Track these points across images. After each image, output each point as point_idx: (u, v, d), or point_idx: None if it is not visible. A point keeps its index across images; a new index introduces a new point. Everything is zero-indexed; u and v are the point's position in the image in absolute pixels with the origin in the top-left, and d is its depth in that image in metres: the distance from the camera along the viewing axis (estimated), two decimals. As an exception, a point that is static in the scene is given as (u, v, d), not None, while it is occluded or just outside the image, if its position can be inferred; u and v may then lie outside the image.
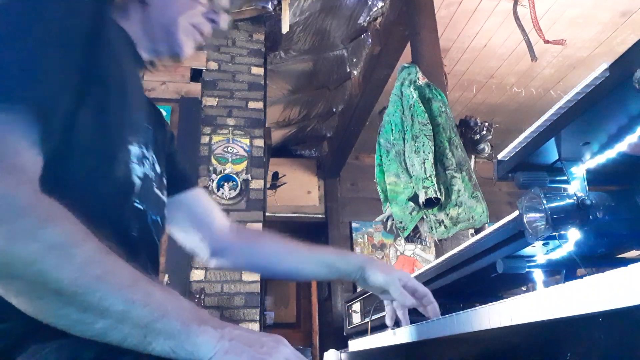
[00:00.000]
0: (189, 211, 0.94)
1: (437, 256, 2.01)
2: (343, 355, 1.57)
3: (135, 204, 0.70)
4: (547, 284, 0.96)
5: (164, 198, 0.83)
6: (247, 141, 3.30)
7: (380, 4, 3.64)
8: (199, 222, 0.95)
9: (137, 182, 0.71)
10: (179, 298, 0.54)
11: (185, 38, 0.82)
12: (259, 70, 3.56)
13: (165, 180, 0.85)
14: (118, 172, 0.66)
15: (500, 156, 0.93)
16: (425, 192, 2.10)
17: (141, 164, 0.73)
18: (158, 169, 0.81)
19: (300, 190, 5.60)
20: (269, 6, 3.46)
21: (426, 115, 2.27)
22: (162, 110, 0.98)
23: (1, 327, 0.52)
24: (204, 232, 0.95)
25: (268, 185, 4.70)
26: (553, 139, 0.80)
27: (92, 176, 0.62)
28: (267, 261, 1.00)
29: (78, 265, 0.48)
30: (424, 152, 2.18)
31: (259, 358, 0.52)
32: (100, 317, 0.48)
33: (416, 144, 2.22)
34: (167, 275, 2.74)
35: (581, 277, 0.48)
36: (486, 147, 3.06)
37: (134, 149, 0.71)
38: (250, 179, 3.19)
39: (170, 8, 0.79)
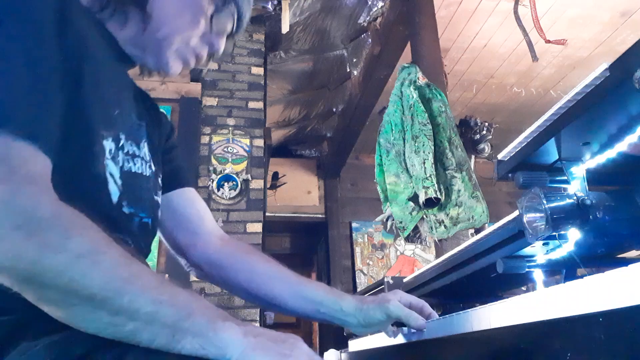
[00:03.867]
0: (175, 213, 0.90)
1: (437, 256, 2.01)
2: (343, 355, 1.57)
3: (115, 204, 0.68)
4: (547, 284, 0.96)
5: (158, 199, 0.81)
6: (247, 141, 3.30)
7: (380, 4, 3.64)
8: (185, 227, 0.90)
9: (111, 179, 0.68)
10: (201, 299, 0.56)
11: (175, 57, 0.78)
12: (259, 70, 3.56)
13: (160, 180, 0.83)
14: (90, 169, 0.65)
15: (500, 156, 0.93)
16: (425, 192, 2.10)
17: (119, 160, 0.70)
18: (153, 167, 0.79)
19: (300, 190, 5.60)
20: (269, 6, 3.46)
21: (426, 115, 2.27)
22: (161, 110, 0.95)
23: None
24: (189, 238, 0.90)
25: (268, 185, 4.70)
26: (553, 139, 0.80)
27: (63, 175, 0.60)
28: (254, 285, 0.90)
29: (106, 271, 0.49)
30: (424, 152, 2.18)
31: (285, 354, 0.54)
32: (130, 319, 0.50)
33: (416, 144, 2.22)
34: (167, 275, 2.74)
35: (581, 277, 0.48)
36: (486, 147, 3.07)
37: (108, 144, 0.68)
38: (250, 179, 3.19)
39: (169, 25, 0.76)
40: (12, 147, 0.50)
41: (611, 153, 0.80)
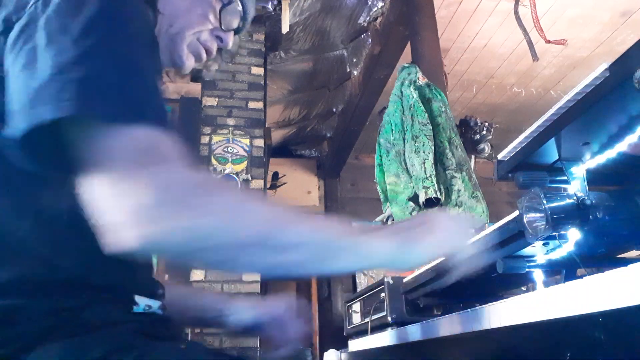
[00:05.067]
0: None
1: (437, 256, 2.01)
2: (343, 355, 1.57)
3: None
4: (547, 284, 0.96)
5: None
6: (247, 141, 3.29)
7: (380, 4, 3.63)
8: None
9: None
10: (343, 223, 0.61)
11: (188, 52, 0.82)
12: (259, 70, 3.55)
13: None
14: None
15: (500, 156, 0.93)
16: (425, 192, 2.10)
17: None
18: None
19: (300, 190, 5.60)
20: (269, 6, 3.46)
21: (426, 115, 2.27)
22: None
23: (14, 330, 0.52)
24: None
25: (268, 185, 4.70)
26: (553, 139, 0.80)
27: None
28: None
29: (257, 217, 0.55)
30: (424, 152, 2.18)
31: (432, 231, 0.63)
32: (292, 253, 0.55)
33: (416, 144, 2.21)
34: (167, 275, 2.74)
35: (581, 277, 0.48)
36: (486, 147, 3.06)
37: None
38: (250, 179, 3.19)
39: (180, 20, 0.79)
40: (153, 136, 0.54)
41: (611, 153, 0.80)
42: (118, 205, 0.49)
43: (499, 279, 0.98)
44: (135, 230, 0.48)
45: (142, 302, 0.64)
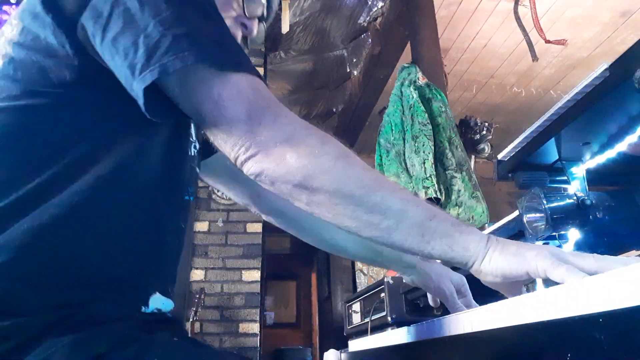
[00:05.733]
0: (231, 169, 0.94)
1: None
2: (343, 355, 1.57)
3: (188, 191, 0.75)
4: (547, 284, 0.96)
5: (198, 170, 0.86)
6: (247, 141, 3.29)
7: (380, 4, 3.63)
8: (243, 179, 0.95)
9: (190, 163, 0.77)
10: (438, 208, 0.61)
11: None
12: (259, 70, 3.55)
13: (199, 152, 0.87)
14: (182, 151, 0.73)
15: (500, 156, 0.93)
16: (426, 192, 2.10)
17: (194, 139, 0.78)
18: (197, 145, 0.83)
19: (300, 190, 5.59)
20: (269, 6, 3.46)
21: (426, 115, 2.27)
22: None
23: (19, 321, 0.52)
24: (251, 190, 0.96)
25: (268, 185, 4.69)
26: (553, 139, 0.80)
27: (159, 153, 0.67)
28: (316, 230, 0.98)
29: (360, 171, 0.57)
30: (424, 152, 2.18)
31: (527, 257, 0.56)
32: (384, 216, 0.56)
33: (416, 144, 2.21)
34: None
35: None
36: (486, 147, 3.06)
37: (192, 130, 0.77)
38: (250, 179, 3.19)
39: None
40: (257, 82, 0.59)
41: (611, 153, 0.80)
42: (250, 137, 0.55)
43: (499, 279, 0.97)
44: (255, 160, 0.55)
45: (153, 305, 0.64)
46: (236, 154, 0.57)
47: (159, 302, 0.65)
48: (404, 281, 1.02)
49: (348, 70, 4.32)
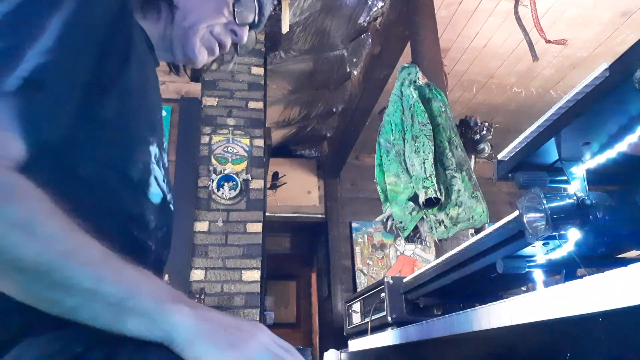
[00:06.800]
0: None
1: (437, 256, 2.01)
2: (343, 355, 1.57)
3: (156, 207, 0.70)
4: (547, 284, 0.96)
5: (172, 207, 0.80)
6: (247, 141, 3.30)
7: (380, 4, 3.64)
8: None
9: (155, 185, 0.70)
10: (153, 277, 0.53)
11: (201, 45, 0.81)
12: (259, 70, 3.55)
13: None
14: (136, 172, 0.66)
15: (500, 156, 0.93)
16: (425, 192, 2.10)
17: (159, 165, 0.73)
18: (164, 170, 0.80)
19: (300, 190, 5.60)
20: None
21: (426, 115, 2.27)
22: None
23: None
24: None
25: (268, 185, 4.70)
26: (553, 139, 0.80)
27: (108, 171, 0.61)
28: None
29: (41, 243, 0.47)
30: (424, 152, 2.18)
31: (235, 344, 0.50)
32: (68, 294, 0.47)
33: (416, 144, 2.21)
34: (167, 275, 2.74)
35: (581, 277, 0.48)
36: (486, 147, 3.07)
37: (154, 150, 0.71)
38: (250, 179, 3.19)
39: (195, 13, 0.80)
40: None
41: (611, 153, 0.80)
42: None
43: (499, 279, 0.98)
44: None
45: None
46: None
47: None
48: None
49: (348, 70, 4.32)
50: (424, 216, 2.24)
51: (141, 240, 0.67)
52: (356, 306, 1.73)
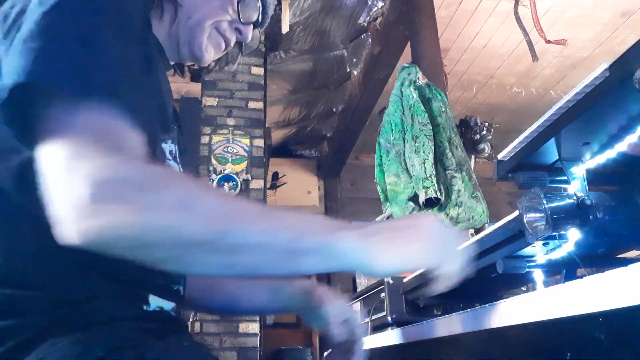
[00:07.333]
0: None
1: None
2: (343, 355, 1.56)
3: None
4: (547, 284, 0.96)
5: None
6: (247, 141, 3.29)
7: (380, 4, 3.63)
8: None
9: None
10: (309, 214, 0.56)
11: (207, 43, 0.81)
12: (259, 70, 3.55)
13: None
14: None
15: (500, 156, 0.93)
16: (425, 192, 2.10)
17: (176, 161, 0.75)
18: (181, 166, 0.81)
19: (300, 190, 5.60)
20: (269, 6, 3.46)
21: (426, 115, 2.27)
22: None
23: (20, 321, 0.52)
24: None
25: (268, 185, 4.70)
26: (553, 139, 0.80)
27: None
28: (204, 293, 0.86)
29: (204, 215, 0.50)
30: (424, 152, 2.18)
31: (410, 240, 0.56)
32: (246, 254, 0.51)
33: (416, 144, 2.21)
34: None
35: (581, 277, 0.48)
36: (486, 147, 3.06)
37: (168, 147, 0.73)
38: (250, 179, 3.19)
39: (200, 11, 0.80)
40: (107, 118, 0.51)
41: (611, 153, 0.80)
42: (63, 196, 0.47)
43: (499, 279, 0.98)
44: (77, 225, 0.46)
45: (156, 302, 0.64)
46: (56, 214, 0.48)
47: (159, 300, 0.64)
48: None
49: (348, 70, 4.32)
50: (424, 216, 2.23)
51: None
52: (356, 306, 1.73)
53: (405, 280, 1.40)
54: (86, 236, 0.46)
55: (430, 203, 2.13)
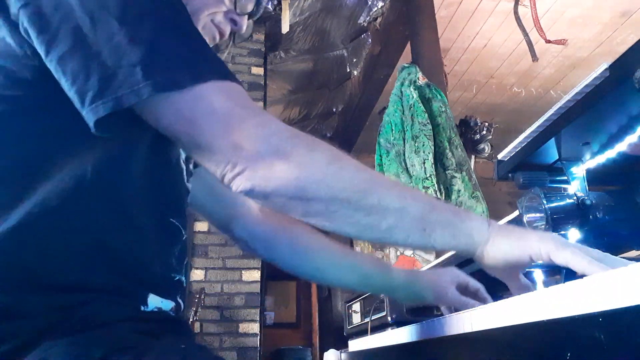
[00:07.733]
0: (212, 188, 0.88)
1: (437, 256, 2.01)
2: (343, 355, 1.57)
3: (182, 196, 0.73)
4: (547, 284, 0.96)
5: (189, 186, 0.81)
6: (247, 141, 3.29)
7: (380, 4, 3.64)
8: (223, 201, 0.89)
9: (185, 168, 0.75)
10: (434, 197, 0.60)
11: (203, 34, 0.80)
12: (259, 70, 3.55)
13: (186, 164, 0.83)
14: (174, 155, 0.70)
15: (500, 156, 0.93)
16: (425, 192, 2.10)
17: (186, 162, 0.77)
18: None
19: (300, 190, 5.59)
20: (269, 6, 3.46)
21: (426, 115, 2.28)
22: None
23: (18, 324, 0.52)
24: (230, 212, 0.89)
25: (268, 185, 4.69)
26: (553, 139, 0.80)
27: (154, 157, 0.64)
28: (296, 257, 0.89)
29: (353, 174, 0.56)
30: (424, 152, 2.18)
31: (528, 238, 0.58)
32: (383, 217, 0.55)
33: (416, 144, 2.22)
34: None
35: (581, 277, 0.48)
36: (486, 147, 3.07)
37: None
38: (250, 179, 3.19)
39: (196, 1, 0.78)
40: (230, 89, 0.57)
41: (611, 153, 0.80)
42: (235, 152, 0.53)
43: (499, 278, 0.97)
44: (251, 174, 0.53)
45: (154, 303, 0.63)
46: (222, 172, 0.55)
47: (158, 301, 0.64)
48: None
49: (348, 70, 4.32)
50: (424, 216, 2.24)
51: (174, 225, 0.68)
52: (356, 306, 1.73)
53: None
54: (258, 185, 0.53)
55: (430, 203, 2.13)
